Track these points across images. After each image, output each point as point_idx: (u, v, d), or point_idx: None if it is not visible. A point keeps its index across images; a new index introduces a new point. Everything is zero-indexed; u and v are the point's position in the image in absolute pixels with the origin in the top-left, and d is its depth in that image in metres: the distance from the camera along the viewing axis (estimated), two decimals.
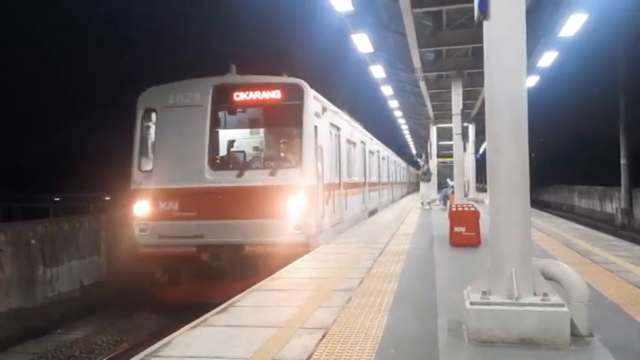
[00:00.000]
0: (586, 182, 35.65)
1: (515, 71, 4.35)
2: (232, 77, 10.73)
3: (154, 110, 10.56)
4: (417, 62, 18.15)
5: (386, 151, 29.39)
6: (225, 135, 11.30)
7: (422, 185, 24.92)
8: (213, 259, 9.89)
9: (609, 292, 5.94)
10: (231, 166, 10.62)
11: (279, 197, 9.65)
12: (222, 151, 11.11)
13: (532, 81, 22.32)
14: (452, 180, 20.17)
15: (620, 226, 25.42)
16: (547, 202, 42.27)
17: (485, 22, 4.46)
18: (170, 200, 9.97)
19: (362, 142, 18.97)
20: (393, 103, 30.28)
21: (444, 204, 20.94)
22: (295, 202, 9.64)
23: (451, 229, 10.34)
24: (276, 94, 10.25)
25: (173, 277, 10.10)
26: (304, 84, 10.32)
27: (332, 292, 6.25)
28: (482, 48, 4.56)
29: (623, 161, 26.65)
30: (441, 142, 32.62)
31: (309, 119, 10.25)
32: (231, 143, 11.19)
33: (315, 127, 10.71)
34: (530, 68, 20.27)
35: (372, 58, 18.80)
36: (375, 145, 23.45)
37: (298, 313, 5.34)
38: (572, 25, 14.56)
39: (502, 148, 4.35)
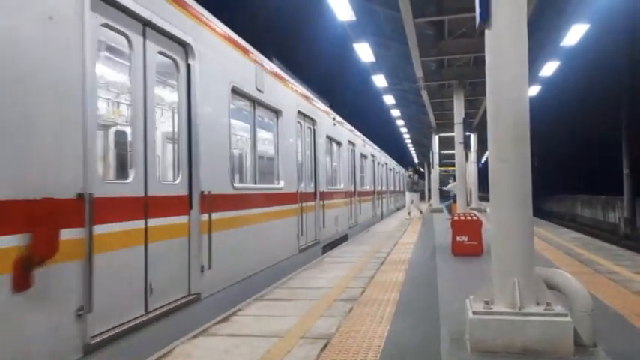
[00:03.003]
0: (589, 191, 35.58)
1: (517, 80, 4.35)
2: None
3: None
4: (419, 72, 18.23)
5: (367, 147, 21.65)
6: None
7: (407, 195, 24.58)
8: None
9: (613, 302, 5.92)
10: None
11: None
12: None
13: (534, 90, 22.41)
14: (454, 181, 19.94)
15: (623, 236, 25.36)
16: (550, 211, 42.15)
17: (487, 31, 4.49)
18: None
19: (303, 114, 11.04)
20: (395, 113, 30.39)
21: (449, 213, 20.91)
22: None
23: (453, 238, 10.32)
24: None
25: None
26: None
27: (334, 302, 6.23)
28: (484, 57, 4.58)
29: (625, 171, 26.68)
30: (443, 152, 32.68)
31: None
32: None
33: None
34: (533, 77, 20.36)
35: (375, 67, 18.92)
36: (342, 131, 15.68)
37: (300, 322, 5.31)
38: (574, 34, 14.67)
39: (504, 157, 4.35)
